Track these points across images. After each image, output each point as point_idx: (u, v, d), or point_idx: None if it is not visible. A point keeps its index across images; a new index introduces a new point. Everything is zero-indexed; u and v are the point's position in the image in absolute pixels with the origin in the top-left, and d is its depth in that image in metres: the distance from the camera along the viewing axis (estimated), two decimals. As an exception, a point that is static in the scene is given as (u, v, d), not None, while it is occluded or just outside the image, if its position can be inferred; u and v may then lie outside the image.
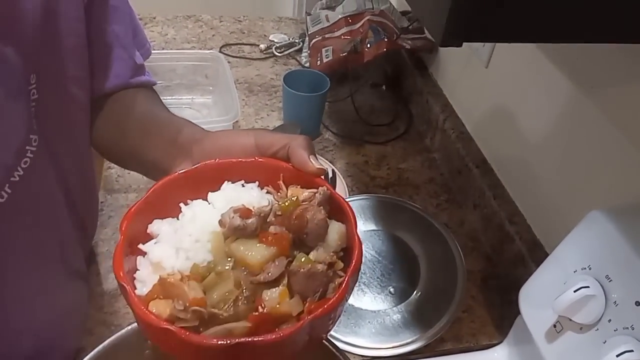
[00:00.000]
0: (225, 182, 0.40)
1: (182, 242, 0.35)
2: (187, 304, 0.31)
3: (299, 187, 0.38)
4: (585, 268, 0.53)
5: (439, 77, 1.06)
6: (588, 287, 0.50)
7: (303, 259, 0.33)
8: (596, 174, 0.65)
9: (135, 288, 0.34)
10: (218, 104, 1.04)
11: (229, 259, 0.34)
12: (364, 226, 0.80)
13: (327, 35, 1.13)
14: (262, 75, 1.16)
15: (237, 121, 0.93)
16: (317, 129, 1.02)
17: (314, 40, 1.14)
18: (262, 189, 0.40)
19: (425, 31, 1.10)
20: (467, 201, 0.88)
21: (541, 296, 0.59)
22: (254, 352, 0.30)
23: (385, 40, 1.02)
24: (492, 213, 0.82)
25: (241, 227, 0.34)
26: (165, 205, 0.38)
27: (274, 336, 0.30)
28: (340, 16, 1.14)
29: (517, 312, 0.66)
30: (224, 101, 0.99)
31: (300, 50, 1.23)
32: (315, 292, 0.33)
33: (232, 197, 0.38)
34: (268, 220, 0.35)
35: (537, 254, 0.73)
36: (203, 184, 0.39)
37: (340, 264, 0.34)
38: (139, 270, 0.35)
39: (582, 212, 0.55)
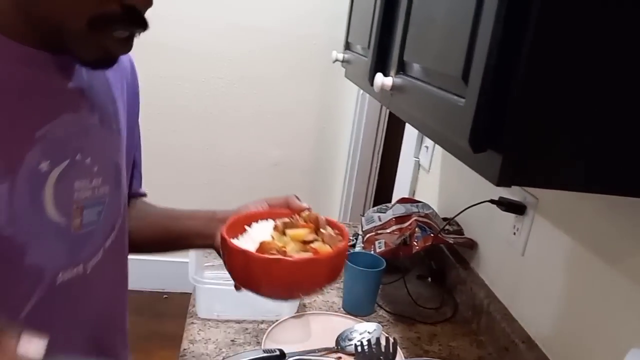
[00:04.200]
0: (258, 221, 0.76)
1: (254, 240, 0.69)
2: (279, 250, 0.66)
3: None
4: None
5: (480, 270, 1.21)
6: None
7: (325, 230, 0.71)
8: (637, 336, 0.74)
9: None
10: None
11: (286, 238, 0.70)
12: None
13: (379, 231, 1.33)
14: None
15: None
16: (372, 305, 1.14)
17: (367, 235, 1.34)
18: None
19: (464, 232, 1.29)
20: (517, 376, 0.94)
21: None
22: (318, 262, 0.67)
23: (432, 235, 1.21)
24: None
25: (289, 223, 0.72)
26: (236, 230, 0.74)
27: (332, 253, 0.68)
28: (391, 216, 1.36)
29: None
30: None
31: (354, 246, 1.42)
32: (335, 243, 0.69)
33: (266, 225, 0.75)
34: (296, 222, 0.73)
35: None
36: (247, 221, 0.76)
37: (340, 238, 0.71)
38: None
39: None
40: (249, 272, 0.66)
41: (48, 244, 0.60)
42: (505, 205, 1.04)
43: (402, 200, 1.40)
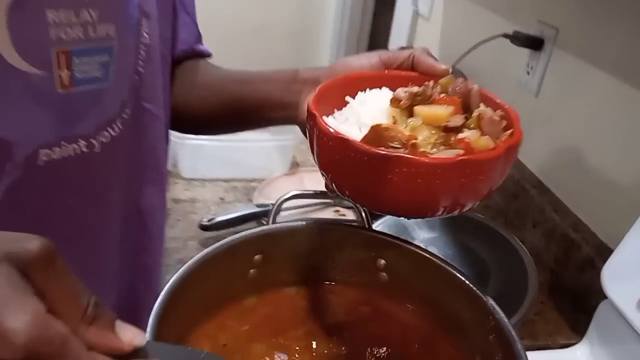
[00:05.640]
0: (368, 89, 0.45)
1: (360, 121, 0.40)
2: (405, 141, 0.36)
3: None
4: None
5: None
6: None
7: (482, 110, 0.39)
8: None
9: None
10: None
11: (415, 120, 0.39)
12: (428, 233, 0.81)
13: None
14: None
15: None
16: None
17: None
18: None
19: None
20: (526, 222, 0.90)
21: (630, 268, 0.59)
22: (472, 168, 0.35)
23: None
24: (553, 227, 0.82)
25: (420, 92, 0.40)
26: (331, 101, 0.43)
27: (490, 154, 0.36)
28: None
29: (591, 317, 0.66)
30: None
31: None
32: (498, 134, 0.38)
33: (377, 95, 0.43)
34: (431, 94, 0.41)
35: (606, 255, 0.72)
36: (349, 89, 0.44)
37: (504, 122, 0.39)
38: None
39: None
40: (355, 174, 0.37)
41: (12, 105, 0.40)
42: (521, 40, 0.92)
43: (400, 50, 1.27)
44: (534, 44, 0.90)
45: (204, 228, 0.81)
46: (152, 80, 0.51)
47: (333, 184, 0.40)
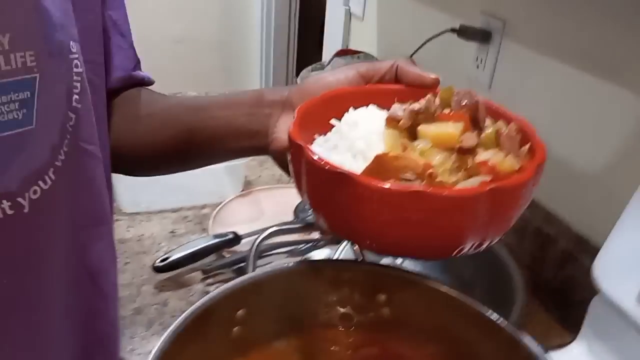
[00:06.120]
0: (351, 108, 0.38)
1: (354, 147, 0.34)
2: (420, 171, 0.30)
3: None
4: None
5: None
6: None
7: (495, 127, 0.34)
8: (626, 149, 0.66)
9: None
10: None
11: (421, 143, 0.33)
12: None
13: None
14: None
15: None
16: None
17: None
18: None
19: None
20: (493, 219, 0.87)
21: (622, 262, 0.56)
22: (504, 196, 0.30)
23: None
24: (525, 223, 0.80)
25: (422, 109, 0.34)
26: (312, 126, 0.36)
27: (522, 178, 0.30)
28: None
29: (580, 311, 0.63)
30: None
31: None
32: (517, 151, 0.33)
33: (368, 115, 0.37)
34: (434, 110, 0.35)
35: (585, 248, 0.71)
36: (331, 110, 0.37)
37: (519, 137, 0.34)
38: None
39: (623, 191, 0.55)
40: (360, 214, 0.31)
41: None
42: (468, 33, 0.89)
43: (341, 53, 1.23)
44: (482, 37, 0.88)
45: (158, 269, 0.72)
46: (91, 115, 0.43)
47: (329, 226, 0.34)
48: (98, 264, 0.47)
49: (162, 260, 0.72)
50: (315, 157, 0.31)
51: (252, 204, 0.91)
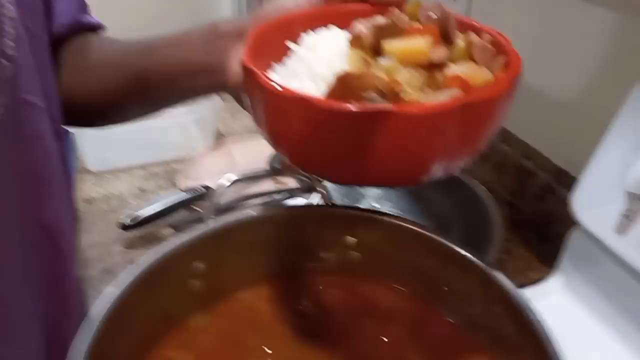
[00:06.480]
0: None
1: (315, 72, 0.30)
2: (386, 88, 0.26)
3: None
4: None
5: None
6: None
7: (467, 39, 0.31)
8: (604, 75, 0.64)
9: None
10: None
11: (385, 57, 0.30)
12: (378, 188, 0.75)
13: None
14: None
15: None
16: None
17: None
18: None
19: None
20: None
21: (599, 192, 0.55)
22: (477, 111, 0.27)
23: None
24: (504, 158, 0.78)
25: (387, 25, 0.31)
26: (268, 53, 0.33)
27: (496, 90, 0.27)
28: None
29: (559, 244, 0.63)
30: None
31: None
32: (491, 64, 0.30)
33: (329, 37, 0.33)
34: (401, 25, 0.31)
35: (564, 180, 0.69)
36: (288, 34, 0.34)
37: (494, 50, 0.31)
38: None
39: (603, 120, 0.53)
40: (324, 143, 0.28)
41: None
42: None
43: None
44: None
45: (127, 227, 0.70)
46: (31, 65, 0.39)
47: (292, 160, 0.31)
48: (55, 223, 0.44)
49: (130, 218, 0.70)
50: (271, 83, 0.27)
51: (224, 157, 0.88)
